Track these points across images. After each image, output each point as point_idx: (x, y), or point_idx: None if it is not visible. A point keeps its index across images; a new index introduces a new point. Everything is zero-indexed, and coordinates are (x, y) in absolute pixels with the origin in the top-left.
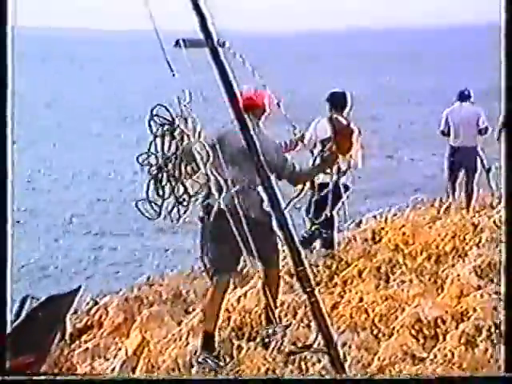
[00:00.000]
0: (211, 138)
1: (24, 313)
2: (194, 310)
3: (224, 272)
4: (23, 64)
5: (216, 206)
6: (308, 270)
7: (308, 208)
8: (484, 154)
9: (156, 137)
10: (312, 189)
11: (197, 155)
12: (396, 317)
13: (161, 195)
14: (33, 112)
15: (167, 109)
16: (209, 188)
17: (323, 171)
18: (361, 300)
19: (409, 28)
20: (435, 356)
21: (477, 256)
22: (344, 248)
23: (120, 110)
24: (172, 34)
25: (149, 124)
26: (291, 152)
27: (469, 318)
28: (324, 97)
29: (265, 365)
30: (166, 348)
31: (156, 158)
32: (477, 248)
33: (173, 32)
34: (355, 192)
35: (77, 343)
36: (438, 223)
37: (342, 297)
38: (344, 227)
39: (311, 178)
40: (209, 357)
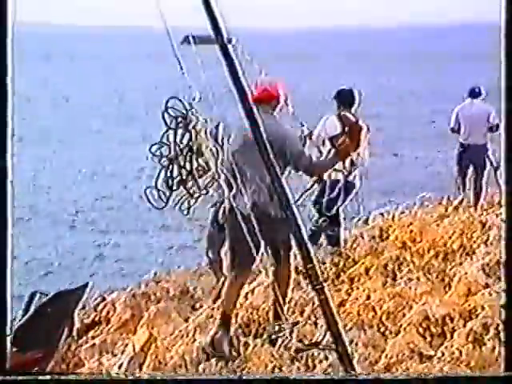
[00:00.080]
0: (221, 136)
1: (32, 308)
2: (201, 307)
3: (243, 268)
4: (23, 61)
5: (227, 203)
6: (317, 267)
7: (315, 203)
8: (493, 152)
9: (169, 128)
10: (320, 185)
11: (206, 153)
12: (403, 314)
13: (170, 186)
14: (33, 110)
15: (181, 101)
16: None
17: (337, 164)
18: (368, 297)
19: (409, 27)
20: (442, 354)
21: (485, 254)
22: (351, 245)
23: (121, 107)
24: (178, 31)
25: (163, 116)
26: None
27: (476, 316)
28: (324, 95)
29: (272, 362)
30: (173, 344)
31: (168, 149)
32: (485, 246)
33: (178, 28)
34: (362, 190)
35: (84, 339)
36: (446, 221)
37: (349, 294)
38: (352, 224)
39: (327, 170)
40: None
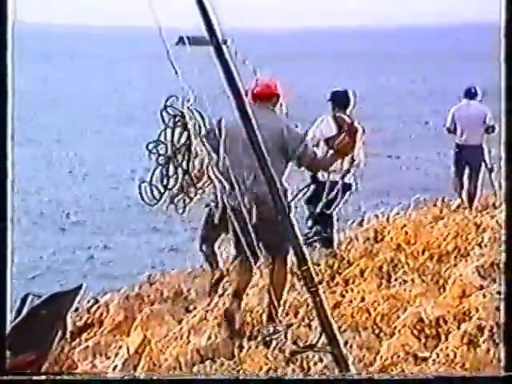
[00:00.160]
0: (218, 136)
1: (25, 310)
2: (195, 309)
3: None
4: (23, 61)
5: (221, 203)
6: (312, 269)
7: (309, 203)
8: (489, 153)
9: (167, 127)
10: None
11: (203, 153)
12: (398, 316)
13: (165, 185)
14: (33, 109)
15: (180, 100)
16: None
17: (336, 162)
18: (362, 299)
19: (408, 27)
20: (437, 356)
21: (479, 256)
22: (346, 247)
23: (120, 108)
24: (173, 32)
25: (161, 114)
26: None
27: (471, 318)
28: (321, 96)
29: (266, 364)
30: (167, 347)
31: (165, 148)
32: (479, 248)
33: (173, 29)
34: (357, 191)
35: (77, 341)
36: (441, 223)
37: (344, 296)
38: (346, 226)
39: (328, 167)
40: None
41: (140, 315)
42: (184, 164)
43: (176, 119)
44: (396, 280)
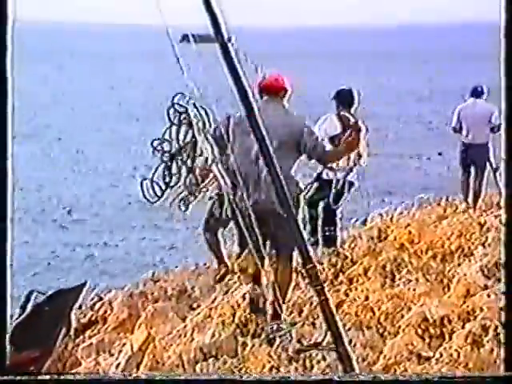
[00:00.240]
0: (224, 133)
1: (29, 307)
2: (199, 306)
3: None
4: (23, 59)
5: (226, 203)
6: (317, 268)
7: (311, 202)
8: (494, 152)
9: (172, 124)
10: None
11: (208, 150)
12: (402, 315)
13: (167, 182)
14: (34, 107)
15: (187, 97)
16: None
17: (344, 155)
18: (366, 298)
19: (409, 26)
20: (441, 355)
21: (483, 255)
22: (349, 246)
23: (120, 105)
24: (175, 30)
25: (167, 111)
26: None
27: (475, 318)
28: (322, 94)
29: (269, 362)
30: (171, 344)
31: (170, 145)
32: (483, 247)
33: (175, 27)
34: (360, 190)
35: (81, 338)
36: (445, 222)
37: (348, 295)
38: (350, 225)
39: (338, 160)
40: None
41: (144, 313)
42: (189, 162)
43: (182, 117)
44: (400, 279)
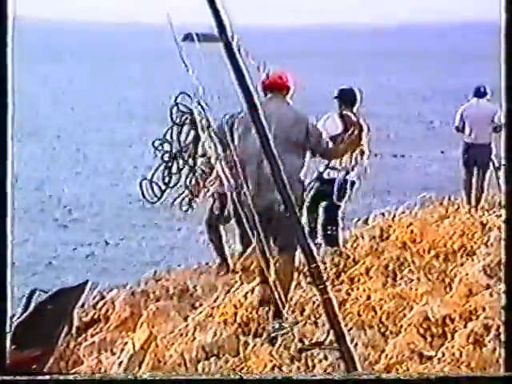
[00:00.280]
0: (228, 132)
1: (32, 306)
2: (201, 305)
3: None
4: (23, 58)
5: (229, 202)
6: (321, 267)
7: (312, 201)
8: (497, 152)
9: (175, 124)
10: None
11: (211, 150)
12: (404, 315)
13: (166, 182)
14: (34, 106)
15: (190, 98)
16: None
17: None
18: (368, 298)
19: (410, 26)
20: (443, 355)
21: (485, 255)
22: (351, 245)
23: (120, 105)
24: (177, 29)
25: (170, 111)
26: None
27: (477, 317)
28: (324, 93)
29: (271, 361)
30: (173, 343)
31: (170, 146)
32: (485, 247)
33: (177, 26)
34: (363, 189)
35: (83, 337)
36: (447, 221)
37: (350, 294)
38: (352, 224)
39: (342, 156)
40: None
41: (146, 312)
42: (190, 162)
43: (184, 117)
44: (402, 278)
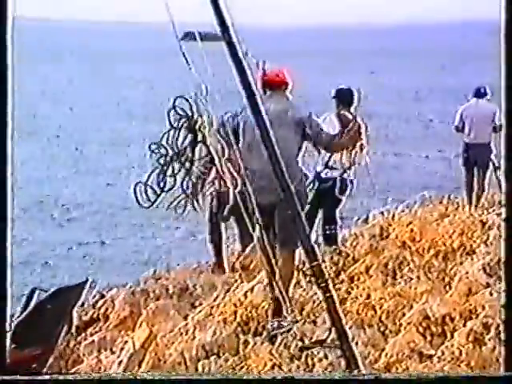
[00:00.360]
0: (229, 131)
1: (32, 305)
2: (201, 305)
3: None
4: (23, 57)
5: (231, 199)
6: (322, 265)
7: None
8: (496, 152)
9: (172, 128)
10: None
11: (212, 149)
12: (403, 314)
13: (161, 187)
14: (33, 106)
15: (188, 101)
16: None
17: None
18: (368, 296)
19: (409, 24)
20: (443, 353)
21: (485, 253)
22: (351, 244)
23: (119, 105)
24: (179, 27)
25: (168, 115)
26: None
27: (477, 316)
28: (323, 93)
29: (271, 360)
30: (173, 342)
31: (166, 150)
32: (485, 246)
33: (179, 25)
34: (362, 188)
35: (83, 336)
36: (446, 220)
37: (349, 293)
38: (351, 223)
39: (343, 149)
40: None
41: (145, 311)
42: (187, 165)
43: (182, 121)
44: (401, 277)
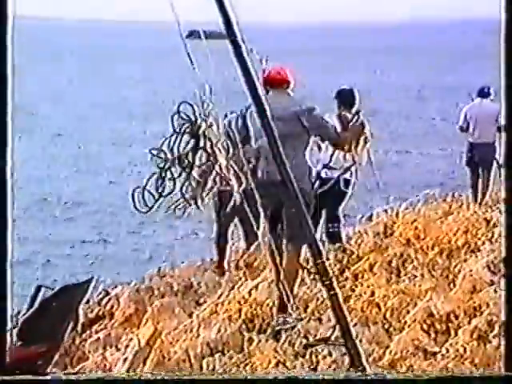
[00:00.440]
0: (234, 132)
1: (37, 302)
2: (205, 302)
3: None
4: (23, 57)
5: (238, 198)
6: (327, 263)
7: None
8: (500, 151)
9: (174, 133)
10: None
11: (216, 149)
12: (408, 311)
13: (160, 191)
14: (33, 106)
15: (192, 106)
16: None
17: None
18: (372, 294)
19: (411, 23)
20: (447, 351)
21: (489, 251)
22: (355, 242)
23: (120, 104)
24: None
25: (172, 118)
26: None
27: (481, 314)
28: (326, 91)
29: (275, 357)
30: (177, 339)
31: (166, 155)
32: (489, 243)
33: (183, 24)
34: (366, 186)
35: (88, 333)
36: (450, 218)
37: (354, 291)
38: (355, 221)
39: (350, 142)
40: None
41: (150, 308)
42: (187, 170)
43: (185, 126)
44: (406, 275)
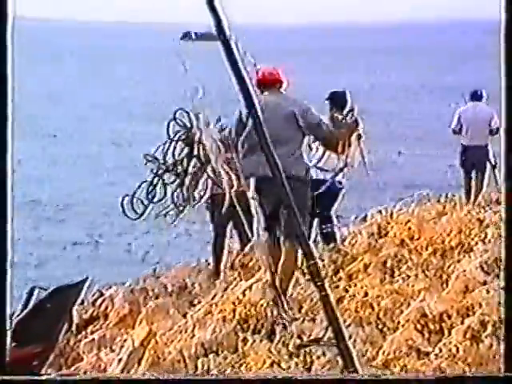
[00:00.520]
0: (227, 135)
1: (32, 303)
2: (200, 303)
3: None
4: (23, 57)
5: (227, 200)
6: (319, 264)
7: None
8: (493, 151)
9: (169, 139)
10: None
11: (210, 155)
12: (401, 311)
13: (150, 198)
14: (33, 106)
15: (188, 113)
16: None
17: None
18: (366, 294)
19: (410, 23)
20: (440, 351)
21: (482, 251)
22: (349, 242)
23: (120, 104)
24: (176, 28)
25: (167, 124)
26: None
27: (474, 313)
28: (322, 92)
29: (270, 357)
30: (172, 340)
31: (158, 161)
32: (482, 243)
33: (176, 25)
34: (360, 187)
35: (83, 334)
36: (444, 218)
37: (347, 291)
38: (349, 221)
39: (344, 141)
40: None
41: (145, 309)
42: (181, 177)
43: (181, 133)
44: (399, 275)
